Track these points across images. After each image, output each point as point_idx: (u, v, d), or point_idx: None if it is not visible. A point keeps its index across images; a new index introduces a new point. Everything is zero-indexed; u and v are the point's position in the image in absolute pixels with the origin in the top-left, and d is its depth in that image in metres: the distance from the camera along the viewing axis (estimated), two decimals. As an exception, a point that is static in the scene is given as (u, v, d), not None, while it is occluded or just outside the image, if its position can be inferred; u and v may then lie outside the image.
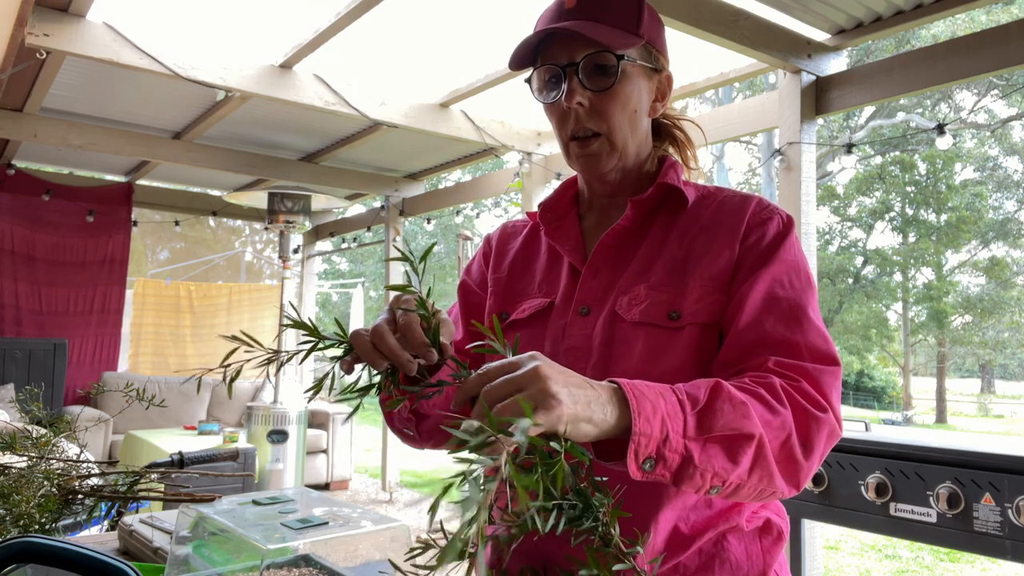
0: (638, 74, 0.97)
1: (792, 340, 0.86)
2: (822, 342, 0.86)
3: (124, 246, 6.92)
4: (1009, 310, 20.88)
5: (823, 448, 0.81)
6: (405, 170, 6.43)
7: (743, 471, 0.74)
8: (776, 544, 0.94)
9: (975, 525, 1.79)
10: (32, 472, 1.18)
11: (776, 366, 0.84)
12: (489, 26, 3.63)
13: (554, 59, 0.96)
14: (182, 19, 3.66)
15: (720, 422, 0.73)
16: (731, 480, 0.74)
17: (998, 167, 21.05)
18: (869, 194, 22.00)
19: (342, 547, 0.83)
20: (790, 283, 0.90)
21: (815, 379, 0.83)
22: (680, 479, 0.72)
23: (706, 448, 0.72)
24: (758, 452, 0.75)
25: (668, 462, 0.70)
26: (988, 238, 21.13)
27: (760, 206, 0.97)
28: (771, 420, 0.77)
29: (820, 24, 3.23)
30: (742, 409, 0.75)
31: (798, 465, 0.78)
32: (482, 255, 1.17)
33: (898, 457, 1.95)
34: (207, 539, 0.88)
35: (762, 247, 0.93)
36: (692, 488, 0.73)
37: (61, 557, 0.64)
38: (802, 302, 0.89)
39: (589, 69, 0.94)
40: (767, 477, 0.76)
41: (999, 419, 22.04)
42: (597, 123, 0.96)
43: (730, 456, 0.73)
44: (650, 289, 0.94)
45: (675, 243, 0.97)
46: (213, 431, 5.58)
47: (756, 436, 0.74)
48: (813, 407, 0.81)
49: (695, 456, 0.71)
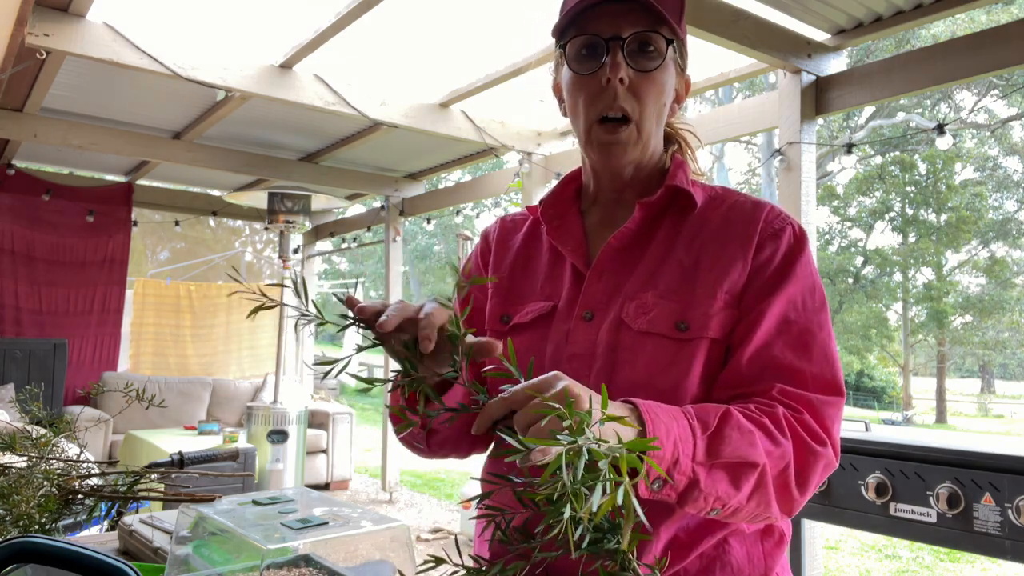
0: (673, 68, 0.95)
1: (799, 368, 0.86)
2: (829, 371, 0.87)
3: (124, 246, 6.92)
4: (1009, 310, 20.88)
5: (817, 480, 0.83)
6: (405, 170, 6.43)
7: (743, 497, 0.77)
8: (778, 547, 0.94)
9: (975, 525, 1.79)
10: (32, 472, 1.18)
11: (781, 395, 0.84)
12: (489, 26, 3.64)
13: (596, 30, 0.91)
14: (182, 19, 3.66)
15: (728, 449, 0.75)
16: (731, 504, 0.76)
17: (998, 167, 21.06)
18: (869, 194, 22.00)
19: (342, 547, 0.83)
20: (803, 305, 0.89)
21: (818, 411, 0.84)
22: (685, 500, 0.74)
23: (712, 473, 0.74)
24: (760, 480, 0.77)
25: (676, 484, 0.73)
26: (988, 238, 21.14)
27: (772, 214, 0.94)
28: (773, 450, 0.79)
29: (820, 24, 3.23)
30: (749, 437, 0.77)
31: (791, 496, 0.81)
32: (479, 254, 1.12)
33: (898, 457, 1.95)
34: (207, 539, 0.88)
35: (776, 264, 0.91)
36: (694, 509, 0.76)
37: (61, 557, 0.64)
38: (813, 327, 0.88)
39: (634, 47, 0.91)
40: (764, 503, 0.79)
41: (999, 419, 22.04)
42: (632, 105, 0.92)
43: (733, 482, 0.75)
44: (659, 297, 0.91)
45: (683, 248, 0.94)
46: (213, 431, 5.59)
47: (760, 465, 0.77)
48: (813, 440, 0.82)
49: (701, 480, 0.73)
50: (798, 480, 0.81)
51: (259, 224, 8.10)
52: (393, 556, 0.85)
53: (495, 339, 0.78)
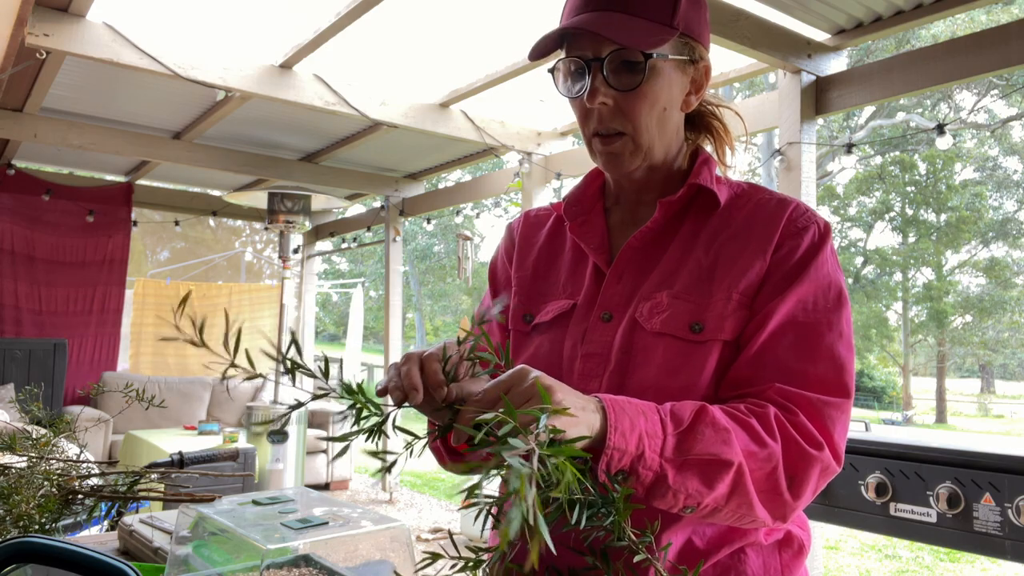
0: (670, 69, 0.90)
1: (800, 369, 0.83)
2: (834, 372, 0.84)
3: (124, 246, 6.92)
4: (1009, 310, 20.89)
5: (814, 485, 0.80)
6: (405, 170, 6.43)
7: (719, 496, 0.75)
8: (796, 558, 0.91)
9: (975, 525, 1.79)
10: (32, 472, 1.18)
11: (777, 395, 0.82)
12: (489, 26, 3.63)
13: (580, 50, 0.90)
14: (182, 19, 3.66)
15: (699, 446, 0.74)
16: (706, 503, 0.75)
17: (998, 167, 21.07)
18: (869, 194, 22.01)
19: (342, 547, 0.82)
20: (814, 305, 0.86)
21: (817, 411, 0.82)
22: (652, 496, 0.74)
23: (682, 470, 0.73)
24: (736, 480, 0.75)
25: (641, 478, 0.72)
26: (988, 238, 21.14)
27: (797, 212, 0.91)
28: (756, 452, 0.77)
29: (820, 24, 3.22)
30: (724, 435, 0.75)
31: (782, 499, 0.78)
32: (504, 250, 1.11)
33: (898, 457, 1.95)
34: (207, 539, 0.88)
35: (793, 261, 0.88)
36: (664, 506, 0.75)
37: (61, 557, 0.64)
38: (821, 327, 0.85)
39: (615, 66, 0.88)
40: (746, 505, 0.77)
41: (999, 419, 22.04)
42: (622, 123, 0.90)
43: (705, 480, 0.74)
44: (673, 298, 0.89)
45: (703, 248, 0.92)
46: (213, 431, 5.59)
47: (735, 464, 0.75)
48: (807, 442, 0.79)
49: (669, 476, 0.73)
50: (791, 484, 0.78)
51: (259, 224, 8.10)
52: (393, 556, 0.85)
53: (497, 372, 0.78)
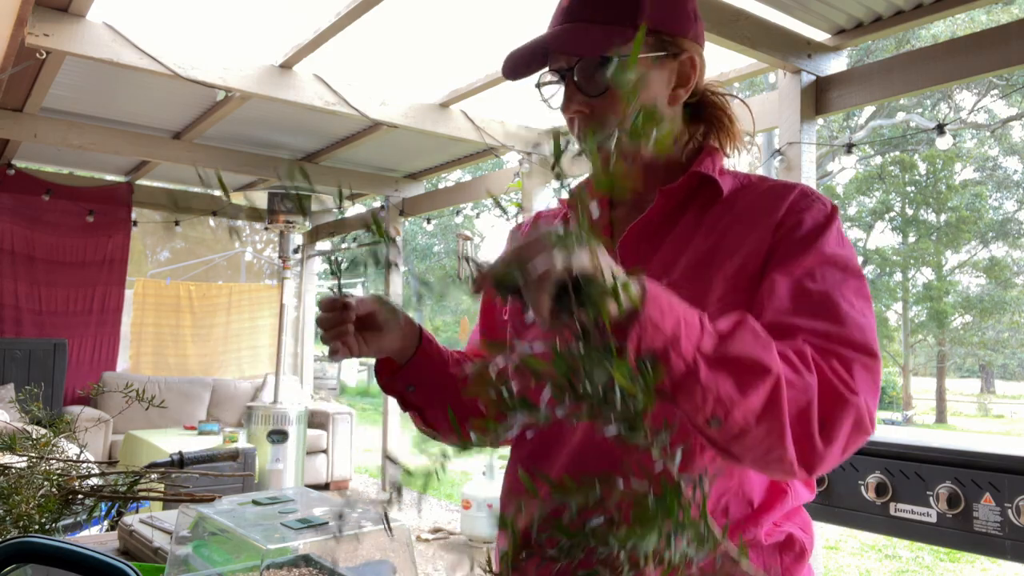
0: (643, 68, 0.92)
1: (823, 330, 0.77)
2: (859, 334, 0.77)
3: (124, 246, 6.92)
4: (1009, 310, 20.87)
5: (846, 437, 0.72)
6: (405, 170, 6.43)
7: (750, 410, 0.66)
8: (798, 561, 0.88)
9: (975, 525, 1.79)
10: (32, 472, 1.18)
11: (807, 342, 0.75)
12: (489, 26, 3.63)
13: (556, 62, 0.94)
14: (182, 19, 3.66)
15: (738, 347, 0.67)
16: (735, 416, 0.66)
17: (998, 167, 21.05)
18: (869, 194, 21.99)
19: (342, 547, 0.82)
20: (823, 276, 0.81)
21: (847, 363, 0.75)
22: (679, 391, 0.65)
23: (716, 367, 0.65)
24: (772, 396, 0.67)
25: (672, 367, 0.64)
26: (988, 238, 21.13)
27: (802, 194, 0.88)
28: (794, 380, 0.69)
29: (820, 24, 3.22)
30: (765, 343, 0.69)
31: (813, 444, 0.70)
32: None
33: (898, 457, 1.95)
34: (207, 539, 0.88)
35: (798, 236, 0.84)
36: (691, 407, 0.66)
37: (61, 557, 0.64)
38: (835, 296, 0.79)
39: (583, 75, 0.90)
40: (776, 434, 0.68)
41: (999, 419, 22.02)
42: (598, 128, 0.92)
43: (739, 385, 0.66)
44: (671, 285, 0.88)
45: (703, 235, 0.90)
46: (213, 431, 5.59)
47: (773, 372, 0.68)
48: (842, 385, 0.73)
49: (701, 371, 0.65)
50: (823, 427, 0.70)
51: (259, 224, 8.10)
52: (393, 556, 0.85)
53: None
